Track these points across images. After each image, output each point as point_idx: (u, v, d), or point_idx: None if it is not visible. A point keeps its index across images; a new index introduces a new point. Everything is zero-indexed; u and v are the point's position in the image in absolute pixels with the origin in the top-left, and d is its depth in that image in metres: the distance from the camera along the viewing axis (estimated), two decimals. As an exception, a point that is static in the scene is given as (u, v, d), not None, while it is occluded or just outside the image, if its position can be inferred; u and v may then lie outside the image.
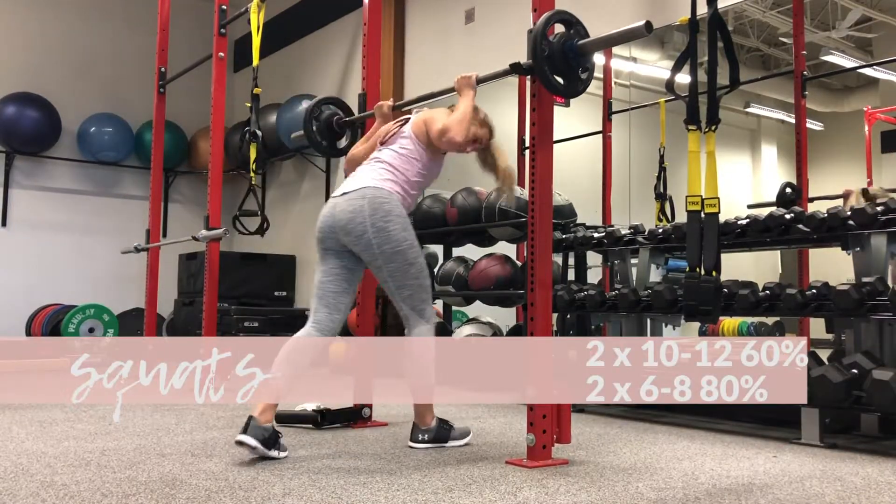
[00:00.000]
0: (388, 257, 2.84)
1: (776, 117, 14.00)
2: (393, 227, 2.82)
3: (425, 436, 2.94)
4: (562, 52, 2.66)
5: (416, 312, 2.93)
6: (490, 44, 6.07)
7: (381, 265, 2.86)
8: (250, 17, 4.93)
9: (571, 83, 2.75)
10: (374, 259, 2.86)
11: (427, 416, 2.96)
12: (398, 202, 2.88)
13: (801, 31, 5.60)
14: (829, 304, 3.31)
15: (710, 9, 3.61)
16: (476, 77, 2.97)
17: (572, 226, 4.84)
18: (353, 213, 2.83)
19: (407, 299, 2.91)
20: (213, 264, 4.90)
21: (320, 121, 3.78)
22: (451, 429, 3.00)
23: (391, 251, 2.83)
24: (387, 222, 2.81)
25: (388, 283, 2.91)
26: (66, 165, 8.48)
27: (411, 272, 2.88)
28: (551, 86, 2.69)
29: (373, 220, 2.80)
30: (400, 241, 2.84)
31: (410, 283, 2.89)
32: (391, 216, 2.83)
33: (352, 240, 2.85)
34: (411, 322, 2.95)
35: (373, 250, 2.83)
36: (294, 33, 8.50)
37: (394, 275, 2.87)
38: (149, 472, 2.43)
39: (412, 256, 2.87)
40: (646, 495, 2.21)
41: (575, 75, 2.74)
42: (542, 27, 2.65)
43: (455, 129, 2.87)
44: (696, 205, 3.54)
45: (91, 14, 8.72)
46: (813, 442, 3.10)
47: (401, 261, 2.85)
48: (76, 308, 7.12)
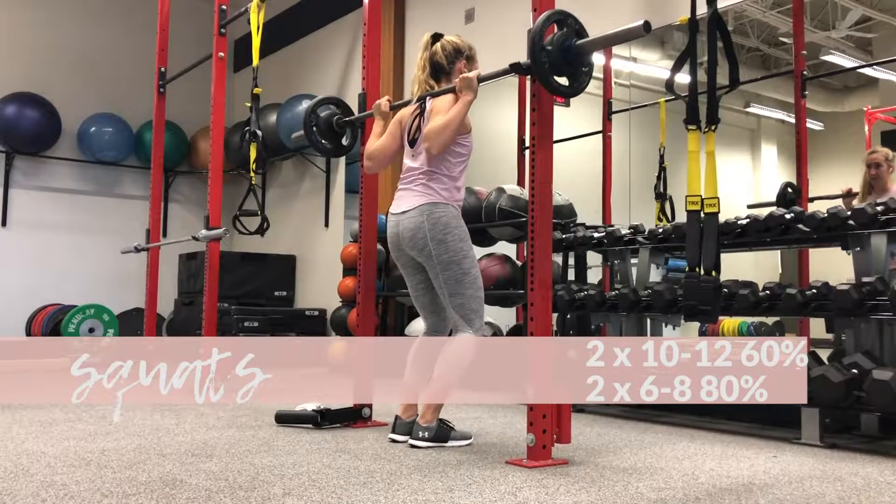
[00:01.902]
0: (444, 266, 2.99)
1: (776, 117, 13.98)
2: (451, 239, 2.99)
3: (426, 433, 2.94)
4: (561, 52, 2.66)
5: (464, 321, 3.02)
6: (490, 44, 6.06)
7: (438, 273, 3.01)
8: (250, 17, 4.93)
9: (571, 83, 2.75)
10: (433, 267, 3.02)
11: (430, 415, 2.97)
12: (454, 212, 3.04)
13: (801, 31, 5.60)
14: (829, 304, 3.31)
15: (709, 9, 3.61)
16: (477, 76, 2.97)
17: (572, 226, 4.84)
18: (415, 229, 3.01)
19: (458, 307, 3.02)
20: (213, 264, 4.90)
21: (320, 121, 3.78)
22: (452, 430, 3.02)
23: (448, 260, 2.98)
24: (445, 234, 2.99)
25: (443, 289, 3.03)
26: (66, 165, 8.48)
27: (465, 282, 3.00)
28: (550, 86, 2.69)
29: (432, 234, 2.98)
30: (456, 252, 2.99)
31: (462, 292, 3.00)
32: (449, 228, 2.99)
33: (416, 253, 3.05)
34: (459, 328, 3.05)
35: (432, 261, 3.00)
36: (294, 33, 8.50)
37: (448, 282, 3.00)
38: (149, 472, 2.43)
39: (466, 266, 3.01)
40: (646, 495, 2.21)
41: (575, 75, 2.73)
42: (540, 27, 2.64)
43: (432, 140, 2.94)
44: (695, 205, 3.54)
45: (91, 14, 8.71)
46: (813, 442, 3.10)
47: (456, 270, 2.99)
48: (76, 308, 7.12)
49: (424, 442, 2.93)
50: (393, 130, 3.22)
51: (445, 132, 2.92)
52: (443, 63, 3.12)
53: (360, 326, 3.62)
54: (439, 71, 3.13)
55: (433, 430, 2.95)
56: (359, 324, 3.63)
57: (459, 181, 3.08)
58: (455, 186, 3.06)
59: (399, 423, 3.08)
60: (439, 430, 2.96)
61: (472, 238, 5.49)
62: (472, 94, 2.95)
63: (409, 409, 3.09)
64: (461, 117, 2.94)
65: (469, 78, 2.95)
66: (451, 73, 3.11)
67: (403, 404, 3.11)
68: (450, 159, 3.04)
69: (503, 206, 4.94)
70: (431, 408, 2.98)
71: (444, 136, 2.93)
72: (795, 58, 5.49)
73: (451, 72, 3.11)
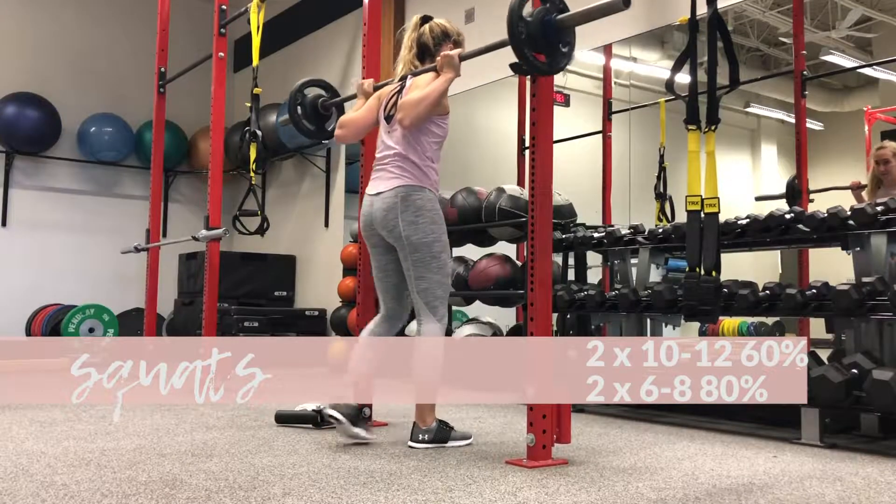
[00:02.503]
0: (414, 247, 2.94)
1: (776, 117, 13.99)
2: (422, 221, 2.94)
3: (426, 436, 2.93)
4: (540, 26, 2.58)
5: (428, 308, 2.97)
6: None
7: (407, 255, 2.97)
8: (250, 17, 4.94)
9: (553, 59, 2.67)
10: (402, 249, 2.97)
11: (428, 416, 2.96)
12: (430, 195, 2.99)
13: (800, 30, 5.60)
14: (829, 304, 3.31)
15: (709, 9, 3.61)
16: (460, 54, 2.91)
17: (572, 226, 4.84)
18: (387, 210, 2.96)
19: (422, 293, 2.97)
20: (213, 264, 4.90)
21: (305, 102, 3.70)
22: (452, 430, 3.00)
23: (417, 242, 2.94)
24: (417, 216, 2.94)
25: (410, 272, 2.99)
26: (66, 165, 8.48)
27: (432, 265, 2.95)
28: (527, 60, 2.60)
29: (404, 216, 2.93)
30: (426, 234, 2.94)
31: (429, 276, 2.95)
32: (422, 211, 2.95)
33: (387, 233, 3.00)
34: (421, 317, 2.99)
35: (402, 241, 2.95)
36: (294, 33, 8.50)
37: (416, 265, 2.95)
38: (149, 472, 2.43)
39: (436, 250, 2.96)
40: (646, 495, 2.21)
41: (556, 51, 2.66)
42: (517, 3, 2.56)
43: (407, 111, 2.89)
44: (695, 205, 3.54)
45: (91, 14, 8.71)
46: (813, 442, 3.10)
47: (425, 252, 2.94)
48: (76, 308, 7.12)
49: (424, 444, 2.92)
50: (371, 104, 3.17)
51: (420, 105, 2.87)
52: (429, 45, 3.08)
53: (360, 326, 3.61)
54: (425, 52, 3.10)
55: (433, 432, 2.94)
56: (359, 324, 3.63)
57: (435, 163, 3.04)
58: (430, 168, 3.02)
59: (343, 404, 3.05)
60: (439, 432, 2.95)
61: (473, 238, 5.58)
62: (453, 71, 2.90)
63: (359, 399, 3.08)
64: (439, 93, 2.89)
65: (450, 55, 2.90)
66: (437, 56, 3.03)
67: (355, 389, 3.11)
68: (424, 140, 2.99)
69: (503, 206, 4.94)
70: (426, 409, 2.96)
71: (419, 108, 2.87)
72: (795, 58, 5.49)
73: (437, 54, 3.04)
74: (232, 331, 6.79)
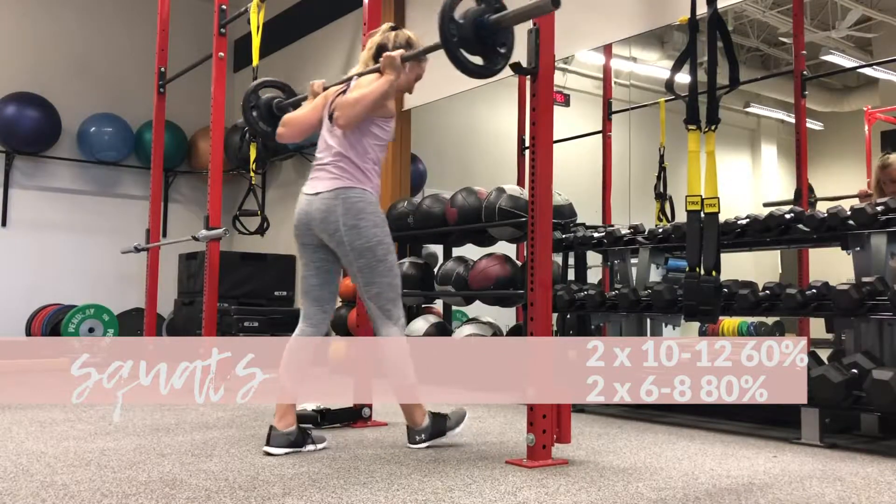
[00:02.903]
0: (358, 253, 2.84)
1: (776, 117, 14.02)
2: (364, 224, 2.83)
3: (422, 436, 2.91)
4: (473, 27, 2.53)
5: (382, 312, 2.89)
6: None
7: (351, 261, 2.87)
8: (250, 17, 4.94)
9: (489, 62, 2.61)
10: (346, 255, 2.87)
11: (417, 416, 2.92)
12: (371, 197, 2.88)
13: (800, 30, 5.59)
14: (829, 304, 3.31)
15: (709, 9, 3.61)
16: (401, 56, 2.83)
17: (572, 226, 4.84)
18: (327, 211, 2.85)
19: (374, 297, 2.89)
20: (213, 264, 4.90)
21: (260, 103, 3.57)
22: (447, 418, 2.97)
23: (361, 247, 2.84)
24: (358, 220, 2.83)
25: (358, 279, 2.90)
26: (66, 165, 8.48)
27: (379, 269, 2.87)
28: (458, 62, 2.55)
29: (345, 220, 2.82)
30: (370, 238, 2.84)
31: (378, 280, 2.87)
32: (364, 214, 2.84)
33: (326, 236, 2.89)
34: (378, 323, 2.92)
35: (345, 247, 2.85)
36: (294, 33, 8.50)
37: (363, 270, 2.87)
38: (149, 472, 2.43)
39: (381, 253, 2.87)
40: (646, 495, 2.21)
41: (492, 52, 2.60)
42: (448, 4, 2.50)
43: (342, 110, 2.81)
44: (695, 205, 3.54)
45: (91, 14, 8.71)
46: (813, 442, 3.09)
47: (370, 257, 2.85)
48: (76, 308, 7.12)
49: (423, 444, 2.91)
50: (317, 104, 3.07)
51: (358, 106, 2.78)
52: (388, 49, 2.96)
53: (360, 326, 3.62)
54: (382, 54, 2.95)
55: (427, 430, 2.91)
56: (359, 324, 3.63)
57: (377, 165, 2.94)
58: (373, 170, 2.91)
59: (274, 434, 2.80)
60: (433, 426, 2.93)
61: (473, 238, 5.58)
62: (394, 73, 2.81)
63: (285, 417, 2.84)
64: (378, 94, 2.80)
65: (392, 56, 2.81)
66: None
67: (280, 410, 2.85)
68: (366, 142, 2.89)
69: (503, 206, 4.94)
70: (413, 410, 2.92)
71: (356, 109, 2.78)
72: (795, 58, 5.48)
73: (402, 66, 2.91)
74: (232, 331, 6.79)
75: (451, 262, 5.42)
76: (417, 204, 5.84)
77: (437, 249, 6.48)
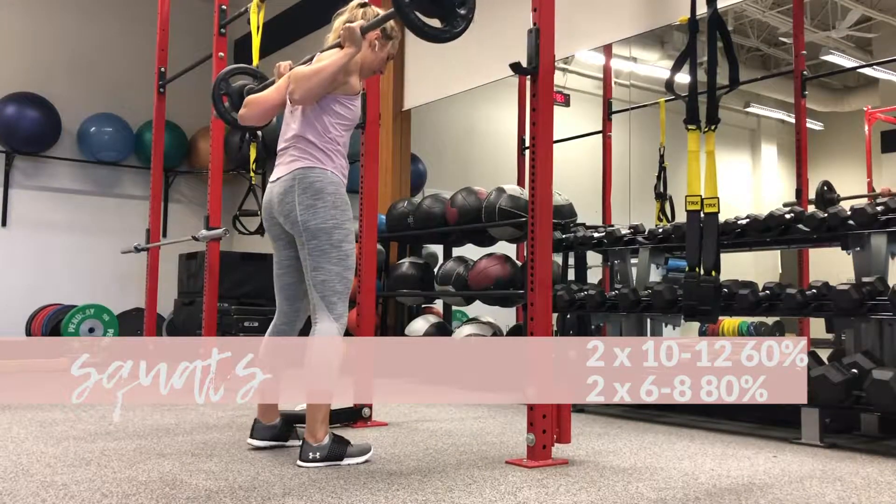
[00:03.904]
0: (311, 233, 2.66)
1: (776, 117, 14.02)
2: (321, 205, 2.67)
3: (317, 454, 2.56)
4: None
5: (324, 303, 2.66)
6: (490, 44, 6.07)
7: (304, 242, 2.68)
8: (250, 17, 4.94)
9: (448, 23, 2.47)
10: (300, 236, 2.69)
11: (319, 430, 2.58)
12: (333, 177, 2.72)
13: (800, 30, 5.59)
14: (829, 304, 3.31)
15: (709, 9, 3.61)
16: (361, 27, 2.65)
17: (572, 226, 4.84)
18: (285, 192, 2.71)
19: (319, 285, 2.66)
20: (213, 264, 4.91)
21: (231, 91, 3.48)
22: (349, 444, 2.65)
23: (315, 228, 2.66)
24: (316, 199, 2.67)
25: (307, 262, 2.70)
26: (66, 165, 8.48)
27: (332, 255, 2.66)
28: (413, 24, 2.39)
29: (301, 199, 2.66)
30: (326, 218, 2.66)
31: (327, 267, 2.65)
32: (322, 194, 2.67)
33: (284, 220, 2.74)
34: (318, 314, 2.68)
35: (299, 227, 2.68)
36: (294, 33, 8.50)
37: (312, 253, 2.67)
38: (149, 472, 2.43)
39: (336, 239, 2.67)
40: (646, 495, 2.21)
41: (451, 13, 2.46)
42: None
43: (297, 82, 2.63)
44: (695, 205, 3.54)
45: (91, 14, 8.71)
46: (813, 442, 3.09)
47: (324, 239, 2.66)
48: (76, 308, 7.11)
49: (315, 463, 2.55)
50: (280, 84, 2.90)
51: (313, 79, 2.61)
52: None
53: (360, 326, 3.62)
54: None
55: (325, 449, 2.57)
56: (359, 324, 3.63)
57: (340, 146, 2.77)
58: (335, 150, 2.75)
59: (258, 426, 2.84)
60: (332, 448, 2.59)
61: (473, 238, 5.58)
62: (354, 46, 2.63)
63: (268, 412, 2.84)
64: (336, 67, 2.62)
65: (351, 28, 2.63)
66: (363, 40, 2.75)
67: (261, 408, 2.86)
68: (326, 120, 2.73)
69: (503, 206, 4.94)
70: (317, 421, 2.58)
71: (312, 82, 2.61)
72: (795, 58, 5.49)
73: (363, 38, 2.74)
74: (232, 331, 6.78)
75: (451, 262, 5.42)
76: (417, 204, 5.84)
77: (437, 249, 6.48)
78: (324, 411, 2.61)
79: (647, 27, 5.05)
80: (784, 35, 10.81)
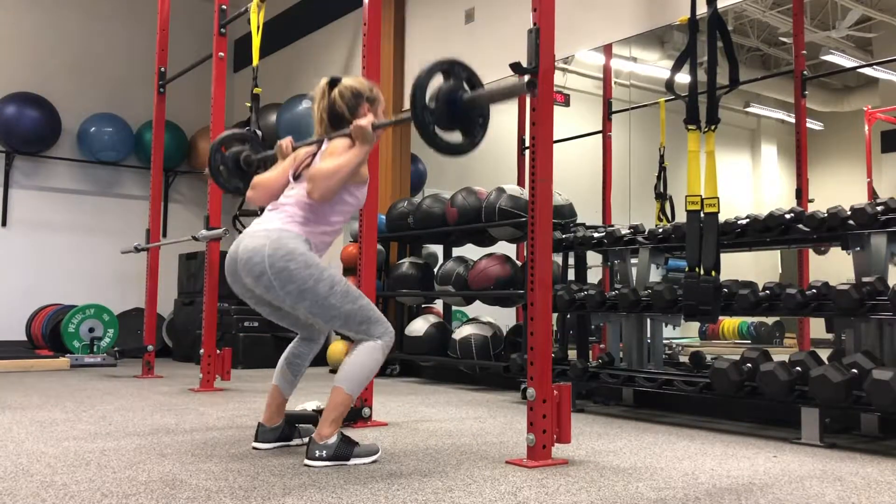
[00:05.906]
0: (296, 297, 2.60)
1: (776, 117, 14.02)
2: (294, 266, 2.56)
3: (323, 452, 2.57)
4: (447, 111, 2.45)
5: (360, 336, 2.67)
6: (490, 44, 6.07)
7: (293, 305, 2.64)
8: (250, 17, 4.94)
9: (469, 135, 2.55)
10: (282, 300, 2.63)
11: (327, 428, 2.59)
12: (303, 244, 2.64)
13: (801, 30, 5.59)
14: (829, 304, 3.31)
15: (709, 9, 3.61)
16: (372, 124, 2.68)
17: (572, 226, 4.84)
18: (254, 250, 2.59)
19: (343, 328, 2.68)
20: (213, 264, 4.91)
21: (227, 160, 3.48)
22: (356, 445, 2.65)
23: (297, 291, 2.58)
24: (287, 262, 2.56)
25: (312, 320, 2.74)
26: (66, 165, 8.49)
27: (331, 303, 2.61)
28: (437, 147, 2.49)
29: (272, 261, 2.55)
30: (305, 280, 2.57)
31: (335, 313, 2.63)
32: (293, 255, 2.57)
33: (251, 280, 2.62)
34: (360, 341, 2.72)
35: (276, 292, 2.60)
36: (294, 33, 8.51)
37: (313, 311, 2.64)
38: (149, 472, 2.43)
39: (324, 290, 2.59)
40: (646, 495, 2.21)
41: (468, 129, 2.54)
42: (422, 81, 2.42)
43: (317, 183, 2.59)
44: (695, 204, 3.54)
45: (91, 14, 8.72)
46: (813, 442, 3.09)
47: (312, 298, 2.59)
48: (76, 308, 7.11)
49: (321, 462, 2.56)
50: (286, 166, 2.88)
51: (333, 178, 2.59)
52: (343, 112, 2.78)
53: (360, 326, 3.61)
54: (341, 120, 2.79)
55: (332, 448, 2.58)
56: (359, 324, 3.62)
57: (330, 230, 2.74)
58: (325, 233, 2.72)
59: (262, 429, 2.87)
60: (339, 448, 2.59)
61: (473, 238, 5.58)
62: (367, 144, 2.66)
63: (273, 416, 2.88)
64: (353, 166, 2.62)
65: (362, 127, 2.64)
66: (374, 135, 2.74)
67: (269, 410, 2.90)
68: (328, 207, 2.70)
69: (503, 206, 4.94)
70: (327, 421, 2.59)
71: (332, 182, 2.59)
72: (795, 58, 5.49)
73: (355, 117, 2.76)
74: (232, 331, 6.79)
75: (451, 262, 5.42)
76: (417, 204, 5.84)
77: (437, 249, 6.48)
78: (340, 412, 2.62)
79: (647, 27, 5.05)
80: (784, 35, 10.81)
